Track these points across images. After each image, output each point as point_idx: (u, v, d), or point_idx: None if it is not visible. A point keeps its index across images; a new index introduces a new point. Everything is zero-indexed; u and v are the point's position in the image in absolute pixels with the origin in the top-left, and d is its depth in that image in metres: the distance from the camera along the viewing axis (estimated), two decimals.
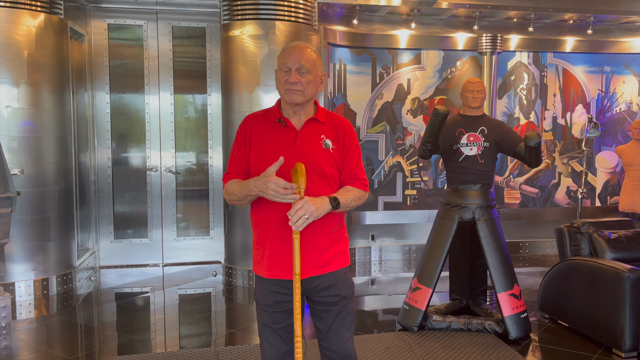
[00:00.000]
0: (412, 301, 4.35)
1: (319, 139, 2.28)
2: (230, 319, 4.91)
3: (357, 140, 2.37)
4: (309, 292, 2.30)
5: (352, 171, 2.34)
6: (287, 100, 2.26)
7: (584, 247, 4.40)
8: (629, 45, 7.15)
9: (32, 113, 5.15)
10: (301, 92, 2.23)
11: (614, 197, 7.32)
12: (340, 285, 2.32)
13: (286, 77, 2.24)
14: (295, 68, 2.23)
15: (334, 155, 2.29)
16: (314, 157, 2.24)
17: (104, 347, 4.14)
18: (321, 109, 2.36)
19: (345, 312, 2.35)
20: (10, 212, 4.13)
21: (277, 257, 2.25)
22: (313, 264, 2.25)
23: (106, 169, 6.30)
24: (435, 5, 6.11)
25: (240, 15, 5.58)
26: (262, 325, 2.35)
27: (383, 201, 6.75)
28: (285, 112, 2.31)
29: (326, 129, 2.31)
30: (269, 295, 2.30)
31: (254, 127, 2.30)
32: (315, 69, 2.27)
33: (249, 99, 5.59)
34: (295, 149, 2.24)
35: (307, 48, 2.27)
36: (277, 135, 2.27)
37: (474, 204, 4.30)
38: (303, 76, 2.23)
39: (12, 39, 5.03)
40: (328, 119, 2.34)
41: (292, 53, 2.24)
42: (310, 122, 2.30)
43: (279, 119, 2.29)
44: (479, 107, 4.38)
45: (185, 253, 6.50)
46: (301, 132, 2.28)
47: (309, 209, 2.08)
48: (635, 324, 3.79)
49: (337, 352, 2.35)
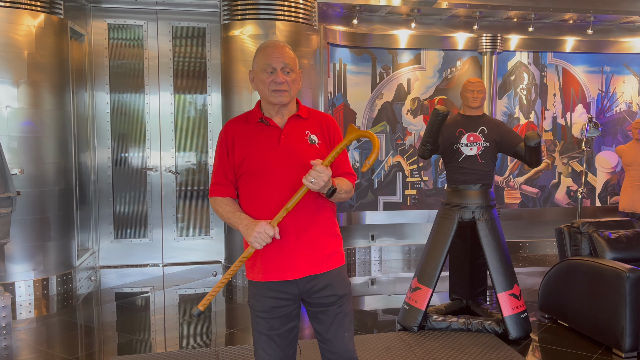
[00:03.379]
0: (412, 301, 4.35)
1: (304, 135, 2.27)
2: (230, 319, 4.91)
3: (341, 134, 2.37)
4: (305, 294, 2.27)
5: (343, 167, 2.34)
6: (275, 102, 2.24)
7: (584, 247, 4.40)
8: (629, 45, 7.15)
9: (32, 113, 5.15)
10: (287, 92, 2.23)
11: (614, 197, 7.32)
12: (337, 284, 2.29)
13: (271, 77, 2.22)
14: (280, 67, 2.21)
15: (321, 149, 2.28)
16: (301, 153, 2.23)
17: (104, 347, 4.14)
18: (302, 105, 2.35)
19: (344, 312, 2.32)
20: (10, 212, 4.13)
21: (271, 258, 2.23)
22: (309, 262, 2.24)
23: (106, 169, 6.30)
24: (435, 5, 6.11)
25: (240, 15, 5.58)
26: (258, 333, 2.30)
27: (383, 201, 6.74)
28: (267, 112, 2.29)
29: (310, 125, 2.30)
30: (264, 300, 2.26)
31: (236, 132, 2.28)
32: (296, 67, 2.27)
33: (249, 99, 5.59)
34: (280, 147, 2.23)
35: (286, 46, 2.26)
36: (261, 135, 2.25)
37: (474, 204, 4.30)
38: (288, 75, 2.23)
39: (12, 39, 5.03)
40: (310, 115, 2.34)
41: (275, 52, 2.22)
42: (293, 119, 2.29)
43: (261, 119, 2.27)
44: (479, 107, 4.38)
45: (185, 253, 6.50)
46: (285, 129, 2.26)
47: (323, 178, 2.09)
48: (635, 324, 3.79)
49: (339, 354, 2.31)
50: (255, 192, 2.23)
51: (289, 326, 2.30)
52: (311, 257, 2.24)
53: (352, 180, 2.36)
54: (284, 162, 2.21)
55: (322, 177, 2.08)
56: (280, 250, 2.22)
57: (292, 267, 2.23)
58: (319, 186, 2.10)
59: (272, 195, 2.20)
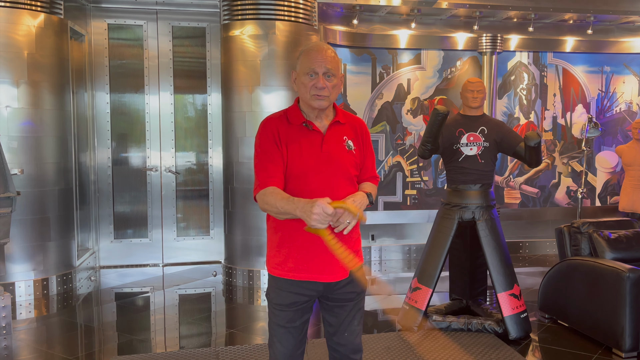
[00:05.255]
0: (412, 301, 4.34)
1: (342, 141, 2.29)
2: (230, 319, 4.91)
3: (370, 138, 2.41)
4: (328, 291, 2.30)
5: (370, 170, 2.40)
6: (315, 106, 2.22)
7: (584, 247, 4.40)
8: (629, 45, 7.15)
9: (32, 113, 5.15)
10: (327, 97, 2.22)
11: (614, 197, 7.32)
12: (356, 282, 2.33)
13: (313, 81, 2.19)
14: (322, 72, 2.19)
15: (356, 156, 2.31)
16: (341, 160, 2.25)
17: (104, 347, 4.14)
18: (339, 109, 2.36)
19: (357, 307, 2.37)
20: (10, 212, 4.12)
21: (305, 259, 2.24)
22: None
23: (106, 169, 6.30)
24: (435, 5, 6.11)
25: (240, 15, 5.58)
26: (276, 325, 2.33)
27: (383, 201, 6.75)
28: (308, 115, 2.27)
29: (347, 130, 2.32)
30: (286, 295, 2.28)
31: (281, 130, 2.23)
32: (339, 71, 2.25)
33: (249, 99, 5.59)
34: (322, 153, 2.23)
35: (329, 49, 2.24)
36: (304, 139, 2.24)
37: (474, 204, 4.30)
38: (329, 80, 2.21)
39: (12, 39, 5.03)
40: (347, 119, 2.35)
41: (318, 57, 2.20)
42: (334, 124, 2.29)
43: (304, 123, 2.25)
44: (479, 107, 4.38)
45: (185, 253, 6.50)
46: (327, 135, 2.26)
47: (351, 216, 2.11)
48: (635, 324, 3.79)
49: (348, 347, 2.37)
50: (295, 196, 2.16)
51: (305, 318, 2.34)
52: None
53: (376, 182, 2.44)
54: (325, 167, 2.22)
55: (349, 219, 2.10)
56: (320, 252, 2.21)
57: (333, 269, 2.25)
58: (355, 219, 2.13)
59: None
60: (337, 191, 2.21)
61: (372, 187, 2.38)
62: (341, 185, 2.24)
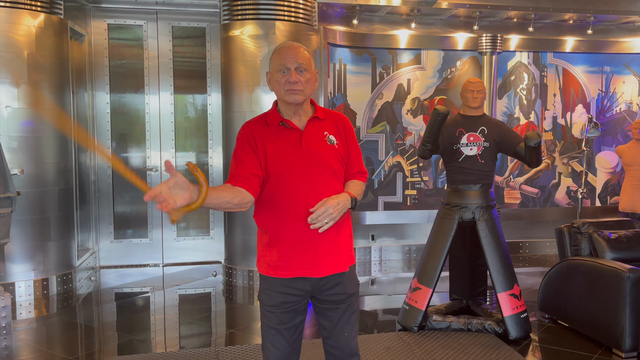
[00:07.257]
0: (412, 301, 4.35)
1: (323, 136, 2.30)
2: (230, 319, 4.91)
3: (354, 133, 2.42)
4: (317, 291, 2.31)
5: (357, 165, 2.40)
6: (289, 101, 2.25)
7: (584, 247, 4.40)
8: (629, 45, 7.15)
9: (32, 113, 5.15)
10: (302, 91, 2.24)
11: (614, 197, 7.32)
12: (347, 282, 2.33)
13: (285, 77, 2.23)
14: (294, 67, 2.22)
15: (339, 150, 2.32)
16: (323, 155, 2.26)
17: (104, 347, 4.14)
18: (318, 106, 2.38)
19: (351, 310, 2.37)
20: (10, 212, 4.13)
21: (290, 256, 2.26)
22: (332, 261, 2.28)
23: (106, 169, 6.30)
24: (435, 5, 6.11)
25: (240, 15, 5.58)
26: (267, 327, 2.34)
27: (383, 201, 6.74)
28: (285, 113, 2.30)
29: (327, 126, 2.33)
30: (276, 295, 2.30)
31: (256, 132, 2.27)
32: (311, 67, 2.28)
33: (249, 99, 5.59)
34: (302, 149, 2.25)
35: (300, 47, 2.28)
36: (282, 137, 2.26)
37: (474, 204, 4.29)
38: (302, 74, 2.24)
39: (12, 39, 5.03)
40: (327, 115, 2.37)
41: (289, 53, 2.24)
42: (312, 120, 2.31)
43: (281, 122, 2.28)
44: (479, 107, 4.38)
45: (185, 253, 6.50)
46: (305, 131, 2.28)
47: (331, 215, 2.18)
48: (635, 324, 3.79)
49: (343, 350, 2.37)
50: (278, 194, 2.24)
51: (297, 320, 2.34)
52: (335, 257, 2.29)
53: (364, 178, 2.43)
54: (306, 163, 2.24)
55: (330, 214, 2.18)
56: (305, 248, 2.24)
57: (318, 265, 2.25)
58: (335, 220, 2.20)
59: (296, 197, 2.22)
60: (321, 186, 2.23)
61: (359, 186, 2.38)
62: (325, 180, 2.25)
